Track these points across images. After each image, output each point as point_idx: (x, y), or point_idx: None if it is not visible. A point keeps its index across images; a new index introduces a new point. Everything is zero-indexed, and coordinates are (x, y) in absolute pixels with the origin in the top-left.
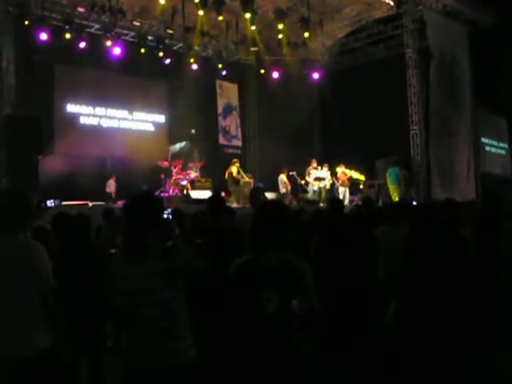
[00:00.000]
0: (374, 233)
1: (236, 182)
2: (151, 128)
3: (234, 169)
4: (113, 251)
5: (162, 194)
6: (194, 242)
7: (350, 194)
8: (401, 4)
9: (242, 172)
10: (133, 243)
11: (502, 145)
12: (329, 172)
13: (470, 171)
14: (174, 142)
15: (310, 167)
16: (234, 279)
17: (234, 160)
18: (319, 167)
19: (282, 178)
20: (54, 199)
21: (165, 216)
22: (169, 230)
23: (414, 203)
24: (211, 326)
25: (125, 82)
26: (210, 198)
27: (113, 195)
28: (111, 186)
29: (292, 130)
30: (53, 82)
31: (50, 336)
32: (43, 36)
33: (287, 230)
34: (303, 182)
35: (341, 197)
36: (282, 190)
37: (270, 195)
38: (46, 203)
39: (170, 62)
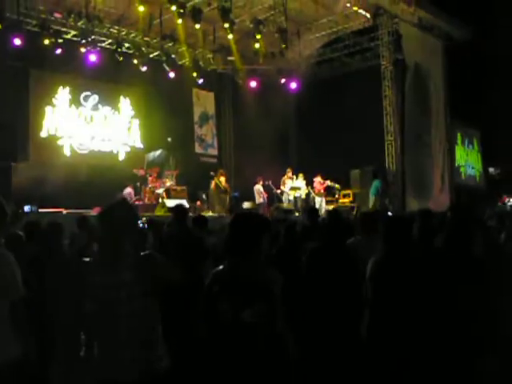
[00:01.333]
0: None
1: (225, 191)
2: (127, 136)
3: (222, 178)
4: (86, 259)
5: (138, 203)
6: (168, 251)
7: (326, 203)
8: (377, 16)
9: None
10: (107, 251)
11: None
12: (304, 181)
13: (444, 182)
14: (149, 150)
15: (285, 177)
16: (207, 288)
17: (221, 171)
18: (294, 177)
19: (258, 187)
20: (31, 205)
21: (140, 225)
22: (142, 238)
23: (389, 213)
24: (185, 335)
25: (101, 89)
26: (174, 208)
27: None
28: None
29: (268, 139)
30: (28, 87)
31: (18, 345)
32: (18, 41)
33: (261, 240)
34: (279, 191)
35: (317, 206)
36: (259, 200)
37: (246, 205)
38: (23, 209)
39: (147, 70)
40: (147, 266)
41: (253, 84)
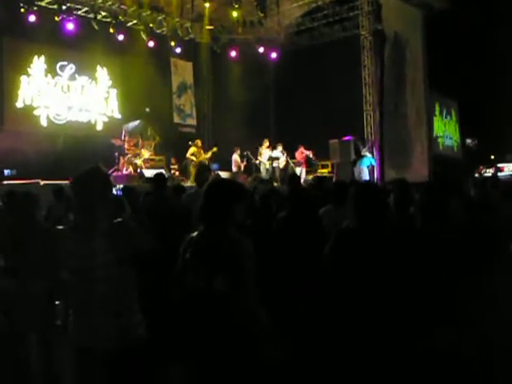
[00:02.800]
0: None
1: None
2: (104, 106)
3: (197, 150)
4: (61, 228)
5: (116, 173)
6: (143, 219)
7: (306, 173)
8: None
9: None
10: (81, 220)
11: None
12: (283, 152)
13: (422, 152)
14: (127, 121)
15: (262, 147)
16: (181, 255)
17: (197, 140)
18: (270, 147)
19: (235, 157)
20: (11, 169)
21: (114, 192)
22: (119, 206)
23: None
24: (160, 303)
25: (77, 58)
26: (153, 177)
27: None
28: None
29: (247, 109)
30: (2, 56)
31: None
32: None
33: (235, 208)
34: (257, 161)
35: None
36: (234, 169)
37: (223, 174)
38: (3, 172)
39: (124, 39)
40: (120, 233)
41: (231, 54)
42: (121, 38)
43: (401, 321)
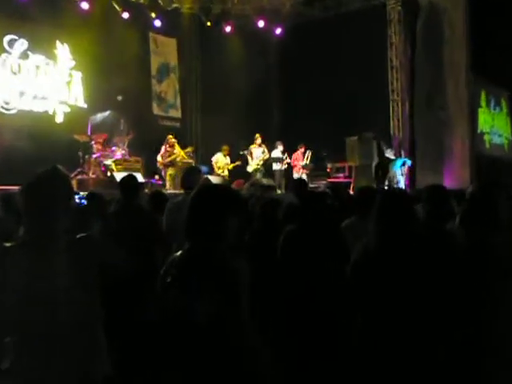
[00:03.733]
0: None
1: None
2: (66, 92)
3: (182, 149)
4: (8, 244)
5: (81, 177)
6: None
7: (314, 180)
8: None
9: (179, 150)
10: (34, 233)
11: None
12: (283, 153)
13: (463, 153)
14: (95, 111)
15: (254, 145)
16: (161, 278)
17: (169, 136)
18: (262, 145)
19: (219, 157)
20: None
21: (77, 201)
22: (82, 218)
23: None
24: (132, 334)
25: (31, 32)
26: (120, 182)
27: None
28: None
29: (244, 98)
30: None
31: None
32: None
33: (226, 220)
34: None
35: None
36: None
37: (214, 179)
38: None
39: (90, 8)
40: (83, 250)
41: (226, 29)
42: (85, 6)
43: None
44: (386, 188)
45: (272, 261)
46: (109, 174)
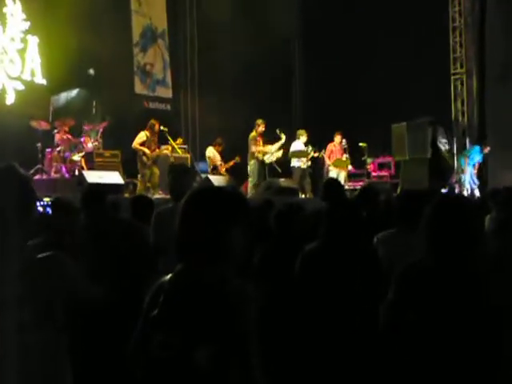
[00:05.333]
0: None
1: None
2: (18, 64)
3: (145, 134)
4: None
5: (40, 176)
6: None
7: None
8: None
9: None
10: None
11: None
12: (307, 145)
13: None
14: (57, 90)
15: (254, 133)
16: (145, 311)
17: (151, 121)
18: (282, 135)
19: (212, 152)
20: None
21: (40, 209)
22: (49, 231)
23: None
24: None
25: None
26: (85, 190)
27: None
28: None
29: (254, 73)
30: None
31: None
32: None
33: (229, 233)
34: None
35: None
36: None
37: (217, 180)
38: None
39: None
40: (45, 273)
41: None
42: None
43: None
44: (443, 192)
45: (287, 288)
46: (76, 172)
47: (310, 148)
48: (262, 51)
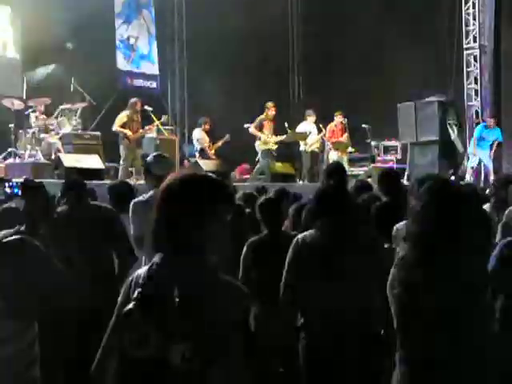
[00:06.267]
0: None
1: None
2: None
3: (126, 116)
4: None
5: (12, 160)
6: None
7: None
8: None
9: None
10: None
11: None
12: (314, 126)
13: None
14: (32, 65)
15: (263, 116)
16: (119, 306)
17: (133, 100)
18: (289, 131)
19: (199, 133)
20: None
21: (7, 190)
22: (13, 215)
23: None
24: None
25: None
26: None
27: None
28: None
29: (251, 47)
30: None
31: None
32: None
33: (211, 224)
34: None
35: None
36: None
37: (206, 165)
38: None
39: None
40: (14, 259)
41: None
42: None
43: None
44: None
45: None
46: (53, 156)
47: (320, 131)
48: (257, 22)
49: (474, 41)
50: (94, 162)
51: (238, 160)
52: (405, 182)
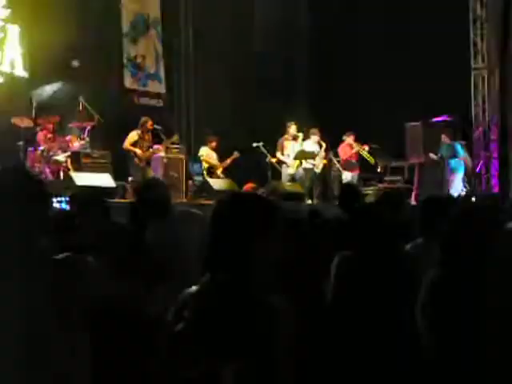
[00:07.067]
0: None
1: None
2: None
3: (136, 135)
4: None
5: None
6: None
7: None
8: None
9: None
10: None
11: None
12: (320, 144)
13: None
14: (39, 83)
15: (285, 136)
16: (168, 325)
17: (145, 118)
18: (300, 135)
19: (206, 152)
20: None
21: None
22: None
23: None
24: None
25: None
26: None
27: None
28: None
29: (259, 66)
30: None
31: None
32: None
33: (262, 243)
34: (274, 160)
35: None
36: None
37: (216, 183)
38: None
39: None
40: (66, 277)
41: None
42: None
43: None
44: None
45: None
46: (62, 174)
47: (323, 149)
48: (265, 42)
49: (482, 61)
50: (105, 180)
51: (246, 178)
52: (412, 202)
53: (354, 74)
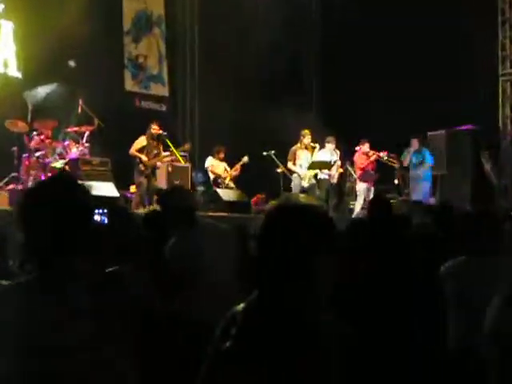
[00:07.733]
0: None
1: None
2: None
3: (143, 141)
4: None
5: (14, 186)
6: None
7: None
8: None
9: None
10: (44, 265)
11: None
12: (335, 153)
13: None
14: (34, 83)
15: (299, 145)
16: (214, 344)
17: (152, 124)
18: (317, 145)
19: (212, 162)
20: None
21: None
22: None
23: None
24: None
25: None
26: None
27: None
28: None
29: (267, 69)
30: None
31: None
32: None
33: (320, 259)
34: (279, 170)
35: (360, 199)
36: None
37: (225, 194)
38: None
39: None
40: (113, 292)
41: None
42: None
43: None
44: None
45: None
46: None
47: (337, 158)
48: (273, 44)
49: (511, 66)
50: (109, 189)
51: (255, 189)
52: None
53: (366, 80)
